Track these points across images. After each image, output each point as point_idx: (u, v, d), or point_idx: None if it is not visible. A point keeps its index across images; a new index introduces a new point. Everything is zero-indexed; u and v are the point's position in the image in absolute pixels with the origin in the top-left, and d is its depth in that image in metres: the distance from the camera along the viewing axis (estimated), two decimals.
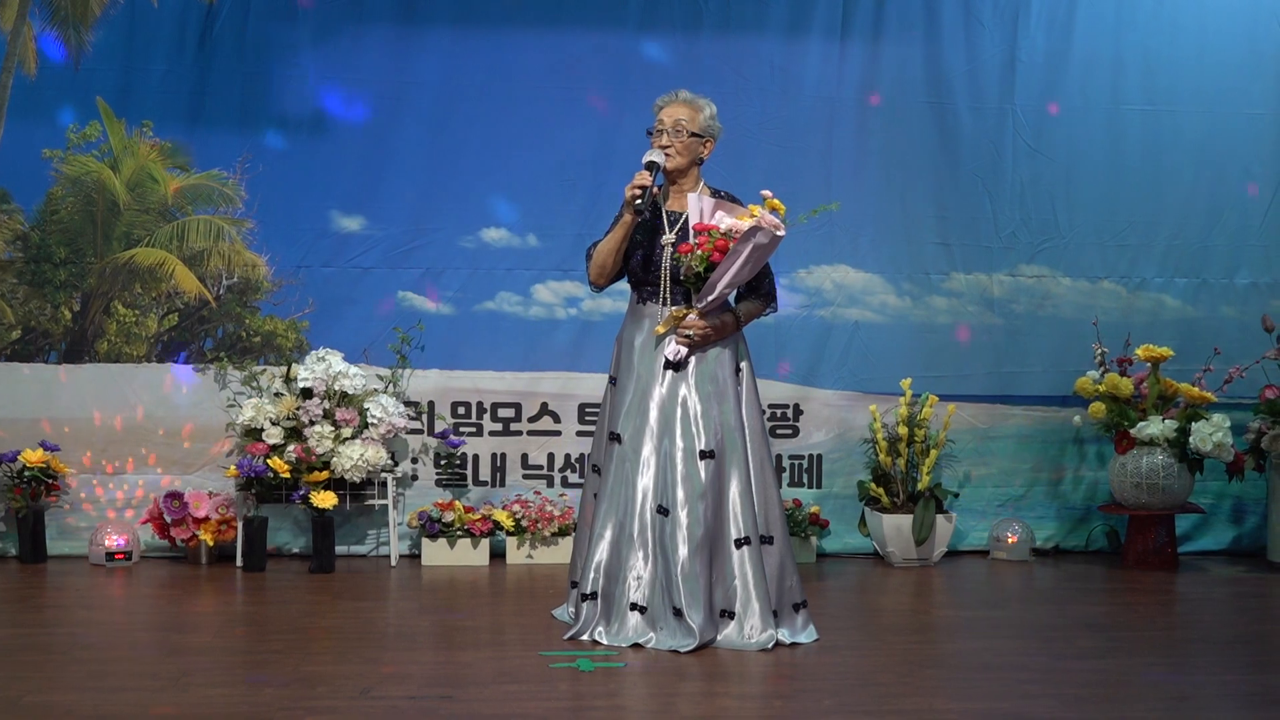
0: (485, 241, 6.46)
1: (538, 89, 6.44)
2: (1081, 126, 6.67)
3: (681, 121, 4.74)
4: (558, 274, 6.45)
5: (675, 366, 4.66)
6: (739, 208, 4.72)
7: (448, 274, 6.44)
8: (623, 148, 6.23)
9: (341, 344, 6.32)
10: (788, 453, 6.54)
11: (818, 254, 6.57)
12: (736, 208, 4.72)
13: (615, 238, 4.76)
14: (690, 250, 4.62)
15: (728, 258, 4.58)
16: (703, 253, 4.58)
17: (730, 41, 6.51)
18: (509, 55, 6.43)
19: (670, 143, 4.73)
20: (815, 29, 6.55)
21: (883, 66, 6.59)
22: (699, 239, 4.62)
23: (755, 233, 4.54)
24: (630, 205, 4.62)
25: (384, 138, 6.39)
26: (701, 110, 4.79)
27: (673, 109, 4.77)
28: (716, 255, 4.58)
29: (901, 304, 6.61)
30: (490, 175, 6.44)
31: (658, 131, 4.78)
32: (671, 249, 4.74)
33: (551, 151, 6.46)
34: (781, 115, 6.56)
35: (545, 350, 6.47)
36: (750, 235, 4.55)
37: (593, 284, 4.89)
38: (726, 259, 4.58)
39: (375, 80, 6.39)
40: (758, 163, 6.41)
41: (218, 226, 6.34)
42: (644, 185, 4.59)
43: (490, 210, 6.46)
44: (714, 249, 4.57)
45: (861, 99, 6.59)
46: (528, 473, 6.48)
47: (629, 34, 6.47)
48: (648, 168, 4.64)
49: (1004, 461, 6.65)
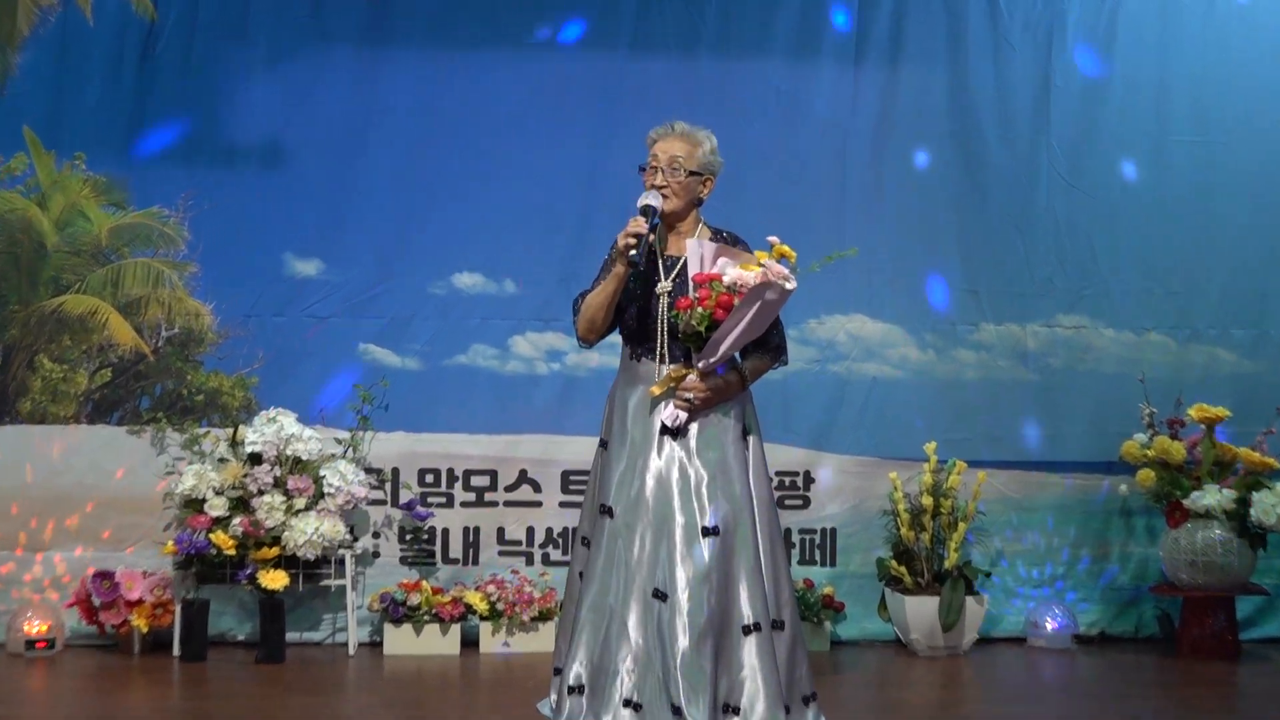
0: (457, 288, 6.44)
1: (518, 116, 6.45)
2: (1124, 159, 6.69)
3: (678, 158, 4.70)
4: (539, 324, 6.44)
5: (673, 432, 4.61)
6: (743, 254, 4.67)
7: (415, 324, 6.43)
8: (612, 181, 6.20)
9: (295, 403, 6.27)
10: (798, 526, 6.49)
11: (830, 302, 6.57)
12: (741, 254, 4.67)
13: (606, 291, 4.70)
14: (690, 306, 4.55)
15: (732, 316, 4.51)
16: (704, 310, 4.51)
17: (731, 63, 6.54)
18: (487, 79, 6.45)
19: (666, 182, 4.69)
20: (825, 50, 6.59)
21: (901, 92, 6.62)
22: (700, 293, 4.55)
23: (763, 289, 4.48)
24: (624, 257, 4.58)
25: (346, 171, 6.41)
26: (700, 144, 4.74)
27: (668, 143, 4.72)
28: (719, 313, 4.50)
29: (924, 358, 6.61)
30: (464, 213, 6.44)
31: (651, 169, 4.72)
32: (668, 299, 4.69)
33: (532, 186, 6.46)
34: (788, 146, 6.57)
35: (525, 410, 6.45)
36: (758, 292, 4.48)
37: (581, 339, 4.83)
38: (731, 317, 4.51)
39: (337, 107, 6.40)
40: (760, 198, 6.40)
41: (157, 271, 6.33)
42: (639, 234, 4.53)
43: (463, 252, 6.45)
44: (716, 305, 4.50)
45: (878, 128, 6.61)
46: (504, 549, 6.43)
47: (619, 54, 6.50)
48: (643, 213, 4.58)
49: (1041, 536, 6.63)
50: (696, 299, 4.54)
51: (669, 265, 4.73)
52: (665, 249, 4.76)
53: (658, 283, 4.70)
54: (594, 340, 4.84)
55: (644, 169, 4.73)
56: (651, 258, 4.72)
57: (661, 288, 4.69)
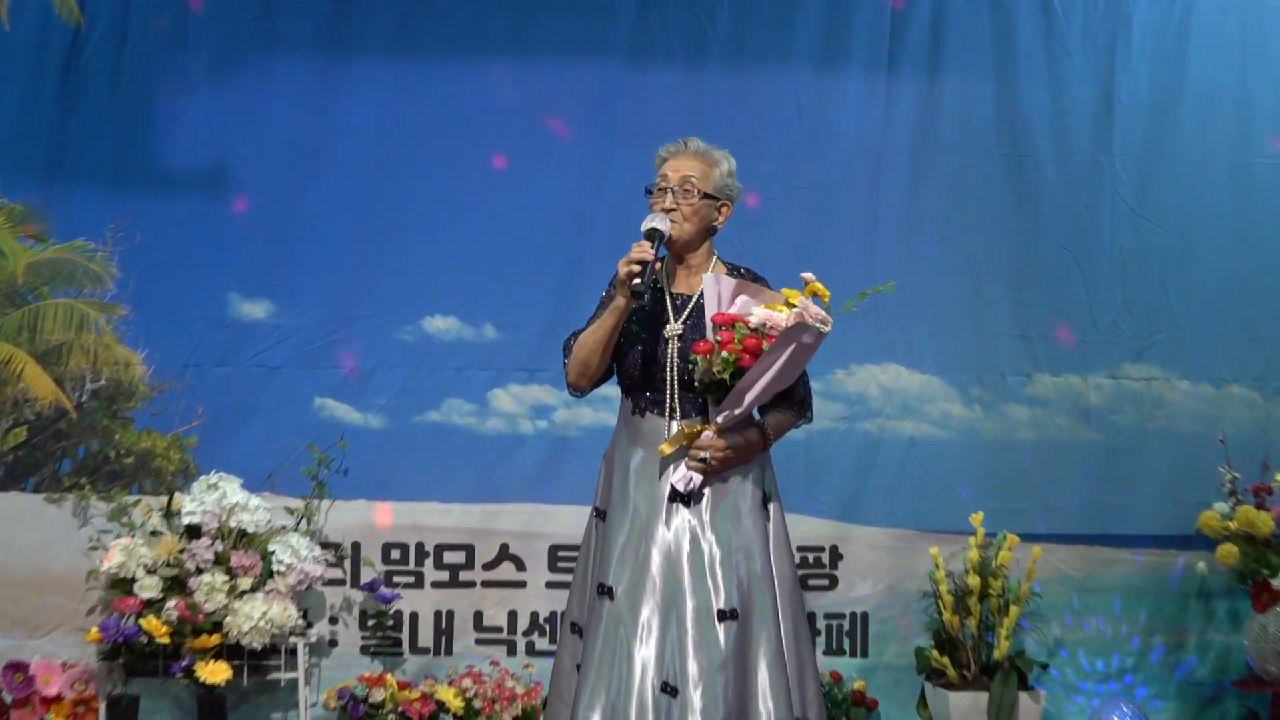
0: (429, 333, 6.45)
1: (500, 135, 6.47)
2: (1199, 183, 6.69)
3: (691, 179, 4.68)
4: (523, 375, 6.44)
5: (685, 499, 4.56)
6: (766, 291, 4.65)
7: (380, 376, 6.43)
8: (608, 209, 6.29)
9: (239, 467, 6.22)
10: (823, 610, 6.47)
11: (860, 349, 6.56)
12: (764, 291, 4.65)
13: (604, 327, 4.66)
14: (711, 350, 4.52)
15: (761, 362, 4.46)
16: (729, 355, 4.47)
17: (746, 75, 6.56)
18: (463, 93, 6.47)
19: (676, 205, 4.69)
20: (855, 60, 6.62)
21: (942, 108, 6.65)
22: (721, 335, 4.51)
23: (798, 332, 4.44)
24: (625, 286, 4.54)
25: (300, 199, 6.42)
26: (717, 165, 4.74)
27: (680, 162, 4.72)
28: (746, 358, 4.46)
29: (970, 415, 6.60)
30: (436, 247, 6.45)
31: (660, 190, 4.71)
32: (678, 343, 4.66)
33: (516, 215, 6.47)
34: (811, 169, 6.59)
35: (507, 475, 6.44)
36: (791, 335, 4.44)
37: (571, 387, 4.80)
38: (759, 363, 4.46)
39: (290, 124, 6.41)
40: (780, 230, 6.44)
41: (81, 313, 6.33)
42: (643, 261, 4.50)
43: (435, 293, 6.45)
44: (742, 350, 4.47)
45: (915, 149, 6.63)
46: (482, 636, 6.40)
47: (617, 64, 6.53)
48: (648, 237, 4.57)
49: (1107, 622, 6.59)
50: (718, 342, 4.51)
51: (678, 304, 4.71)
52: (673, 285, 4.75)
53: (665, 324, 4.68)
54: (587, 388, 4.80)
55: (651, 191, 4.73)
56: (658, 296, 4.71)
57: (671, 330, 4.65)
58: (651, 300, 4.68)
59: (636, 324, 4.70)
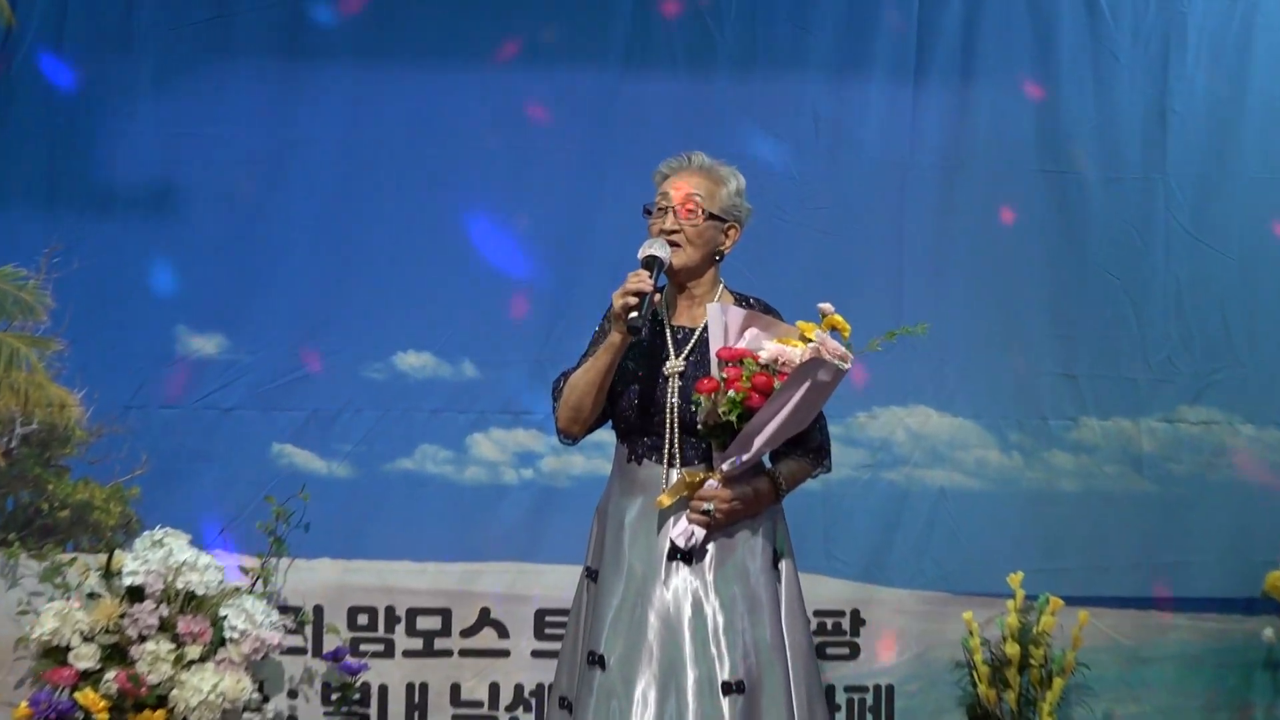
0: (400, 371, 6.44)
1: (478, 149, 6.47)
2: (1262, 204, 6.68)
3: (696, 198, 4.65)
4: (506, 418, 6.45)
5: (687, 557, 4.52)
6: (779, 324, 4.63)
7: (346, 419, 6.43)
8: (601, 232, 6.30)
9: (188, 521, 6.18)
10: (843, 682, 6.44)
11: (885, 389, 6.56)
12: (776, 323, 4.63)
13: (598, 366, 4.62)
14: (716, 389, 4.47)
15: (772, 401, 4.43)
16: (736, 394, 4.43)
17: (756, 82, 6.56)
18: (438, 102, 6.47)
19: (678, 228, 4.66)
20: (878, 67, 6.63)
21: (975, 119, 6.65)
22: (728, 372, 4.47)
23: (816, 367, 4.41)
24: (621, 320, 4.50)
25: (256, 221, 6.42)
26: (724, 183, 4.72)
27: (684, 179, 4.69)
28: (755, 398, 4.43)
29: (1008, 463, 6.59)
30: (409, 274, 6.44)
31: (660, 211, 4.68)
32: (679, 382, 4.62)
33: (498, 239, 6.47)
34: (830, 188, 6.59)
35: (487, 531, 6.43)
36: (807, 372, 4.41)
37: (562, 433, 4.78)
38: (770, 403, 4.43)
39: (245, 139, 6.41)
40: (794, 256, 6.43)
41: (11, 348, 6.31)
42: (641, 292, 4.47)
43: (408, 326, 6.45)
44: (751, 389, 4.43)
45: (946, 166, 6.63)
46: (460, 712, 6.36)
47: (611, 70, 6.54)
48: (646, 265, 4.54)
49: (1162, 695, 6.54)
50: (724, 380, 4.47)
51: (679, 338, 4.68)
52: (673, 317, 4.72)
53: (665, 361, 4.65)
54: (579, 433, 4.76)
55: (650, 211, 4.71)
56: (657, 330, 4.69)
57: (671, 367, 4.61)
58: (650, 335, 4.66)
59: (633, 361, 4.67)
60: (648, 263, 4.54)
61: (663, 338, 4.68)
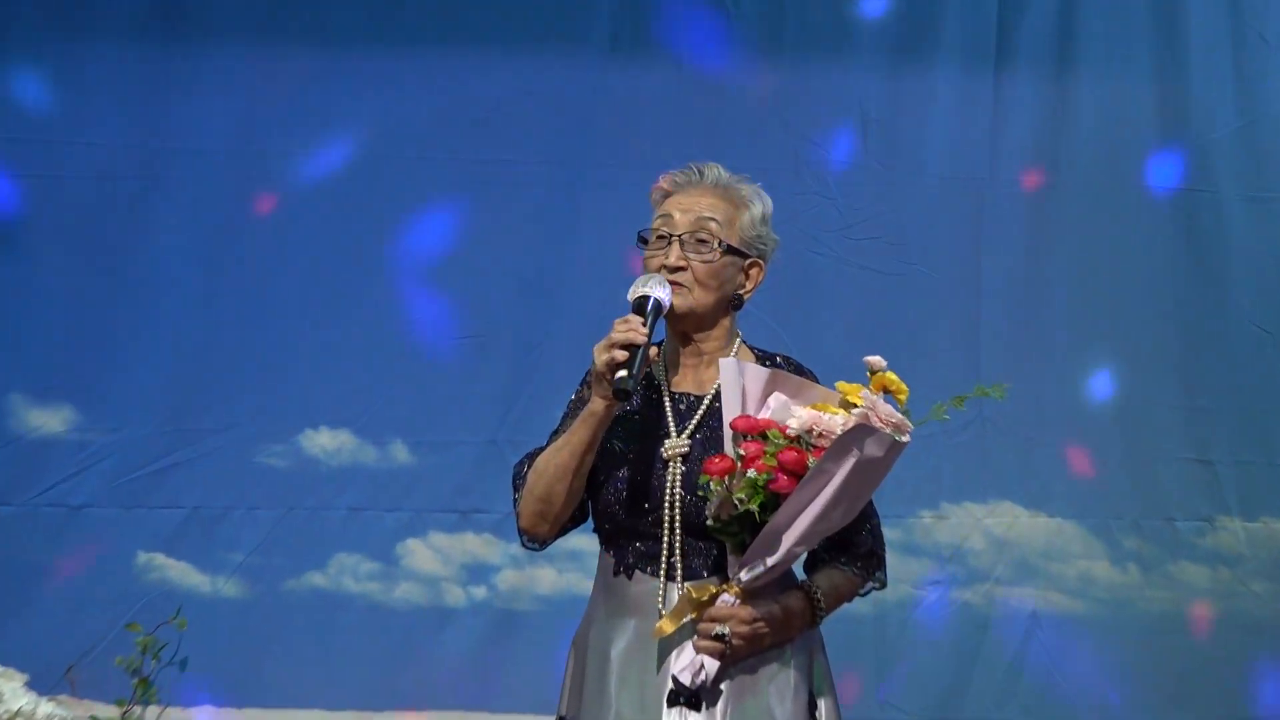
0: (309, 455, 6.48)
1: (415, 158, 6.50)
2: None
3: (710, 224, 4.44)
4: (451, 518, 6.47)
5: (694, 700, 4.28)
6: (814, 386, 4.39)
7: (236, 519, 6.45)
8: (576, 268, 6.35)
9: (25, 656, 5.71)
10: None
11: (957, 479, 6.58)
12: (810, 386, 4.39)
13: (575, 445, 4.37)
14: (731, 469, 4.23)
15: (805, 486, 4.14)
16: (758, 476, 4.19)
17: (785, 73, 6.62)
18: (361, 96, 6.52)
19: (685, 263, 4.45)
20: (948, 55, 6.68)
21: (1074, 124, 6.69)
22: (746, 448, 4.22)
23: (863, 439, 4.15)
24: (606, 383, 4.30)
25: (118, 255, 6.46)
26: (747, 206, 4.49)
27: (693, 199, 4.47)
28: (783, 481, 4.16)
29: (1122, 578, 6.61)
30: (318, 327, 6.47)
31: (660, 239, 4.46)
32: (683, 466, 4.41)
33: (441, 277, 6.51)
34: (883, 213, 6.61)
35: (426, 669, 6.44)
36: (853, 444, 4.13)
37: (526, 535, 4.46)
38: (803, 489, 4.14)
39: (100, 147, 6.46)
40: (834, 301, 6.51)
41: None
42: (633, 344, 4.22)
43: (319, 394, 6.47)
44: (778, 469, 4.19)
45: (1036, 183, 6.65)
46: None
47: (592, 59, 6.60)
48: (639, 310, 4.30)
49: None
50: (741, 458, 4.28)
51: (683, 409, 4.47)
52: (675, 381, 4.52)
53: (664, 439, 4.44)
54: (548, 535, 4.47)
55: (645, 240, 4.49)
56: (652, 398, 4.49)
57: (672, 447, 4.38)
58: (644, 404, 4.48)
59: (621, 439, 4.44)
60: (641, 306, 4.32)
61: (660, 408, 4.47)
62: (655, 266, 4.42)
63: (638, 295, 4.33)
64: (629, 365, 4.20)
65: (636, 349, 4.22)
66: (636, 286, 4.36)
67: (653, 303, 4.33)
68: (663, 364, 4.52)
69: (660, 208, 4.51)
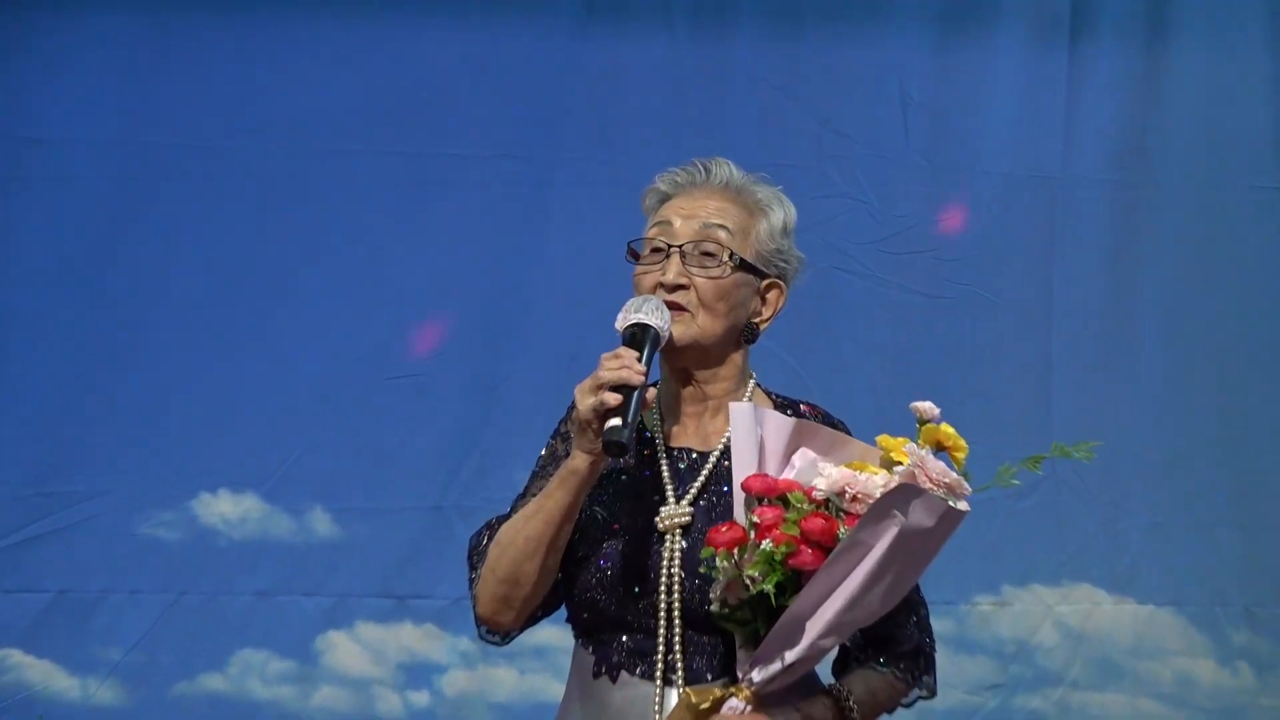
0: (204, 525, 6.43)
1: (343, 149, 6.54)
2: None
3: (720, 232, 4.29)
4: (385, 605, 6.45)
5: None
6: (848, 440, 4.21)
7: (113, 605, 6.41)
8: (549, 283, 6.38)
9: None
10: None
11: (1019, 556, 6.56)
12: (843, 440, 4.21)
13: (549, 513, 4.17)
14: (742, 541, 4.02)
15: (835, 563, 3.96)
16: (775, 549, 4.03)
17: (804, 44, 6.61)
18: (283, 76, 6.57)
19: (686, 279, 4.30)
20: (1007, 19, 6.68)
21: (1169, 109, 6.70)
22: (762, 514, 4.03)
23: (907, 502, 3.91)
24: (592, 433, 4.12)
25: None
26: (764, 212, 4.33)
27: (698, 202, 4.33)
28: (806, 555, 3.98)
29: (1231, 681, 6.61)
30: (214, 363, 6.43)
31: (655, 251, 4.28)
32: (682, 542, 4.21)
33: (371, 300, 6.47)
34: (930, 219, 6.63)
35: None
36: (896, 510, 3.92)
37: (485, 624, 4.20)
38: (832, 566, 3.96)
39: None
40: (871, 333, 6.54)
41: None
42: (627, 384, 4.06)
43: (215, 449, 6.40)
44: (801, 540, 4.01)
45: (1123, 182, 6.66)
46: None
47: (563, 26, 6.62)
48: (632, 342, 4.14)
49: None
50: (754, 527, 4.06)
51: (682, 469, 4.29)
52: (673, 434, 4.36)
53: (659, 506, 4.26)
54: (513, 625, 4.26)
55: (637, 253, 4.32)
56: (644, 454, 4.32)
57: (670, 515, 4.19)
58: (635, 463, 4.31)
59: (606, 506, 4.24)
60: (636, 337, 4.14)
61: (655, 467, 4.27)
62: (650, 285, 4.27)
63: (630, 323, 4.17)
64: (622, 412, 4.04)
65: (632, 391, 4.06)
66: (627, 312, 4.20)
67: (648, 333, 4.18)
68: (658, 412, 4.37)
69: (656, 214, 4.36)
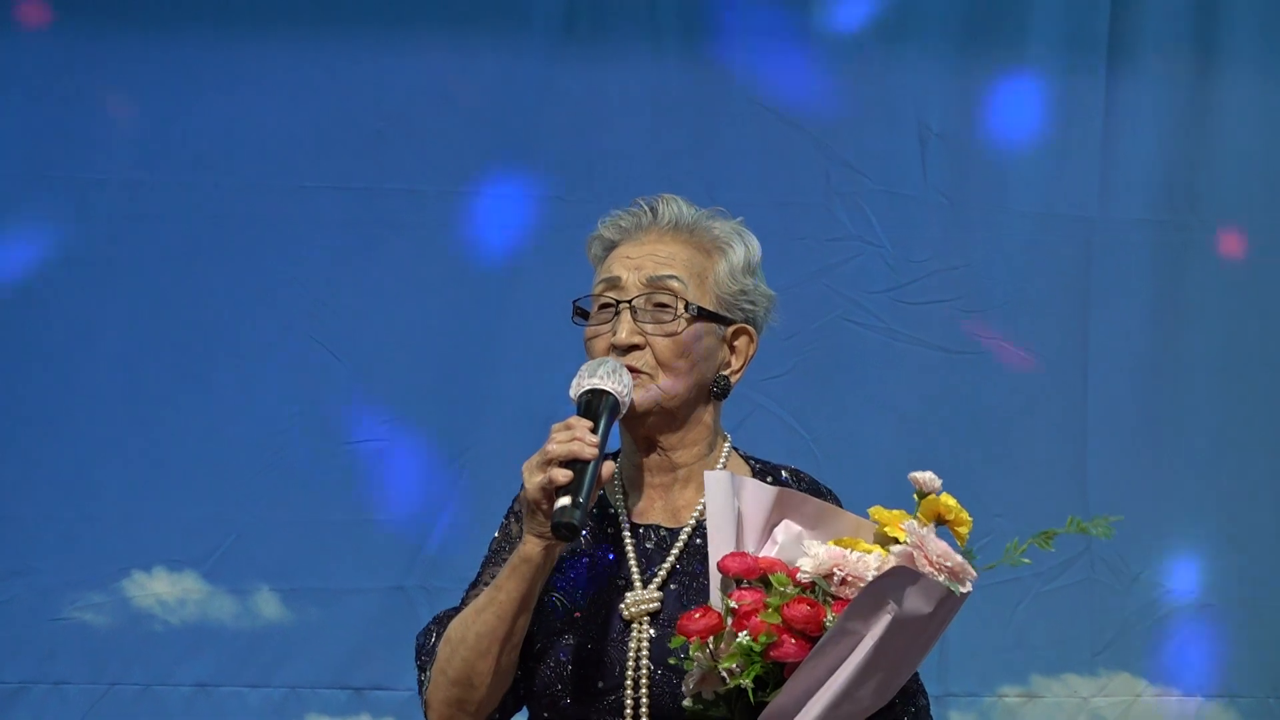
0: (136, 609, 6.34)
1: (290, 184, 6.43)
2: None
3: (671, 281, 4.17)
4: (341, 696, 6.40)
5: None
6: (838, 512, 4.06)
7: (34, 697, 6.34)
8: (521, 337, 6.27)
9: None
10: None
11: (1050, 643, 6.45)
12: (833, 512, 4.05)
13: (502, 604, 4.11)
14: (718, 629, 3.90)
15: (820, 654, 3.88)
16: (754, 641, 3.86)
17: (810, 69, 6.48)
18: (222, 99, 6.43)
19: (640, 338, 4.15)
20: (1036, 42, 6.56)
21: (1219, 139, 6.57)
22: (739, 599, 3.94)
23: (902, 587, 3.85)
24: (541, 514, 3.95)
25: None
26: (722, 250, 4.27)
27: (644, 248, 4.24)
28: (789, 647, 3.84)
29: None
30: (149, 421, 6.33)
31: (604, 308, 4.18)
32: (649, 631, 4.05)
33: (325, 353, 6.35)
34: (950, 264, 6.50)
35: None
36: (887, 594, 3.87)
37: None
38: (816, 657, 3.88)
39: None
40: (884, 391, 6.41)
41: None
42: (579, 459, 3.97)
43: (150, 523, 6.28)
44: (783, 629, 3.86)
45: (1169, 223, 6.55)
46: None
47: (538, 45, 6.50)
48: (587, 411, 4.03)
49: None
50: (731, 613, 3.93)
51: (650, 547, 4.21)
52: (637, 509, 4.22)
53: (624, 592, 4.14)
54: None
55: (584, 312, 4.23)
56: (605, 533, 4.24)
57: (636, 602, 4.12)
58: (594, 542, 4.21)
59: (565, 593, 4.15)
60: (591, 405, 4.02)
61: (618, 548, 4.17)
62: (602, 348, 4.21)
63: (584, 390, 4.08)
64: (573, 490, 3.90)
65: (585, 466, 3.96)
66: (581, 378, 4.11)
67: (605, 400, 4.07)
68: (620, 485, 4.22)
69: (602, 266, 4.30)
